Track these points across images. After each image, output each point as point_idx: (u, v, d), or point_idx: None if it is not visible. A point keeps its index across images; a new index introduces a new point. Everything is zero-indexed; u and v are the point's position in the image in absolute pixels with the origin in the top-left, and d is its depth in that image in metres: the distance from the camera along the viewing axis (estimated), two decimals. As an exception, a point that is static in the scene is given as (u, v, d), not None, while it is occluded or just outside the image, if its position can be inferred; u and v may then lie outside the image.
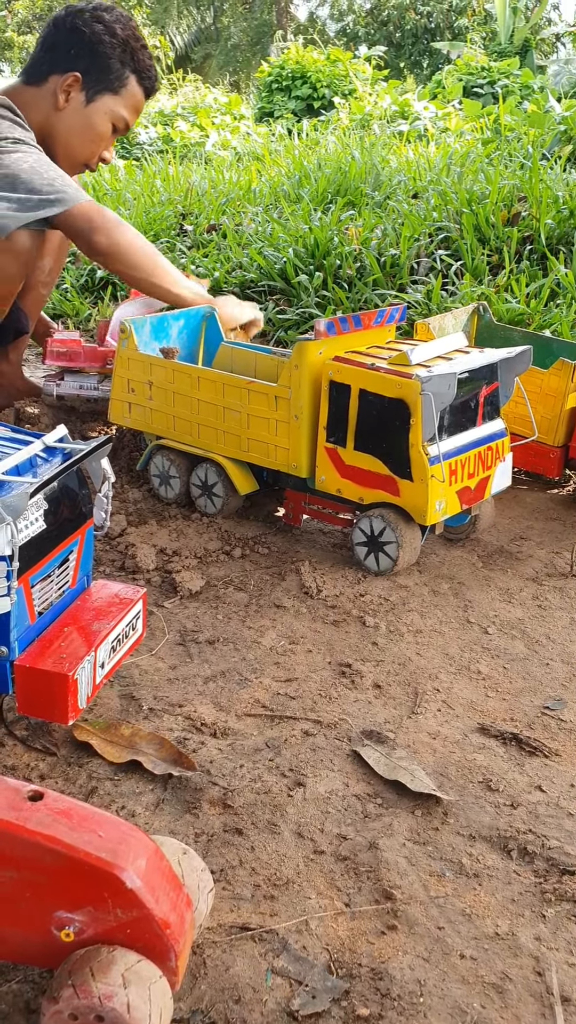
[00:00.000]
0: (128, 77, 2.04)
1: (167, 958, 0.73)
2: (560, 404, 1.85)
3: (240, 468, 1.73)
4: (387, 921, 0.91)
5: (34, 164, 1.81)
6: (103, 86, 2.03)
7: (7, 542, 0.95)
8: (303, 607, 1.49)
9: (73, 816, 0.74)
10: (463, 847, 1.01)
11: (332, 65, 9.55)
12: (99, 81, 2.02)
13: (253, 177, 4.50)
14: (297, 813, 1.04)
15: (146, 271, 1.93)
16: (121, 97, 2.05)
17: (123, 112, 2.07)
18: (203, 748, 1.13)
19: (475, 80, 9.02)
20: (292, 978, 0.84)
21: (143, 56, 2.04)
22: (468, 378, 1.56)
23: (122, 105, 2.06)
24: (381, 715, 1.24)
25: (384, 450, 1.54)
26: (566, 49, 15.89)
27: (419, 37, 19.18)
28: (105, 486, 1.15)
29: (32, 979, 0.82)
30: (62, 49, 2.00)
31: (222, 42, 21.96)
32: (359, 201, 3.72)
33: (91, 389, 2.09)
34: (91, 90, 2.02)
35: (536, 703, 1.29)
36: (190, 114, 8.50)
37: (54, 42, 2.02)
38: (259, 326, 2.15)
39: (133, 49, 2.02)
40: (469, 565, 1.67)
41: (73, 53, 2.00)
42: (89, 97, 2.03)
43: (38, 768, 1.09)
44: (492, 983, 0.85)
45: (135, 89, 2.07)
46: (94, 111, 2.04)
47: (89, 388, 2.08)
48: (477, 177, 3.67)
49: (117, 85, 2.03)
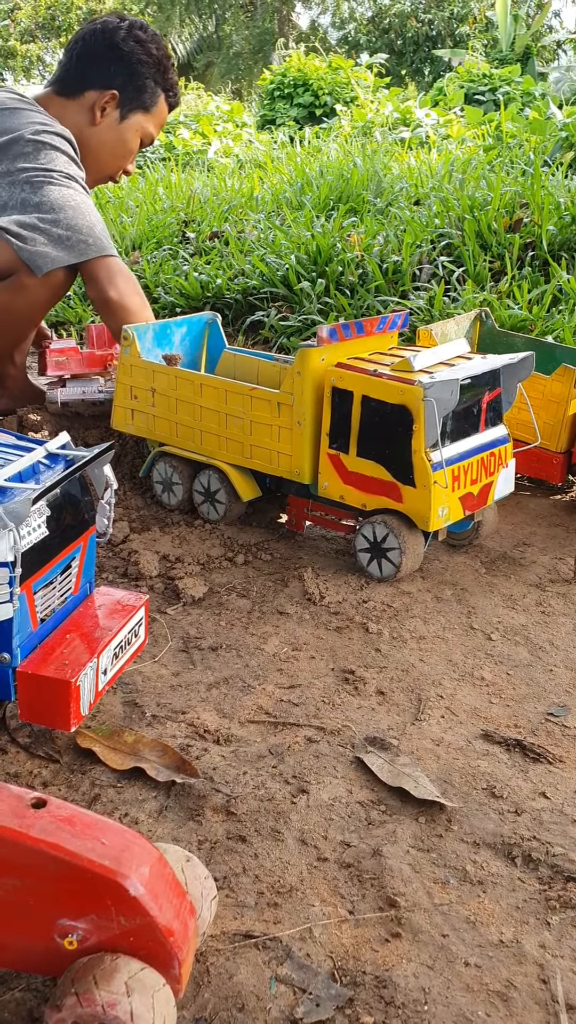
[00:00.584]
0: (159, 95, 2.11)
1: (171, 966, 0.73)
2: (563, 410, 1.85)
3: (243, 474, 1.73)
4: (391, 928, 0.91)
5: (80, 204, 1.87)
6: (137, 104, 2.09)
7: (9, 548, 0.95)
8: (306, 613, 1.49)
9: (76, 823, 0.74)
10: (467, 854, 1.01)
11: (334, 73, 9.57)
12: (134, 100, 2.08)
13: (255, 184, 4.51)
14: (300, 820, 1.04)
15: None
16: (152, 115, 2.12)
17: (151, 128, 2.14)
18: (206, 755, 1.13)
19: (476, 87, 9.04)
20: (296, 986, 0.84)
21: (172, 74, 2.11)
22: (471, 384, 1.56)
23: (151, 122, 2.13)
24: (384, 722, 1.23)
25: (387, 456, 1.54)
26: (567, 56, 15.93)
27: (420, 45, 19.24)
28: (108, 493, 1.15)
29: (35, 987, 0.82)
30: (100, 66, 2.05)
31: (224, 50, 22.03)
32: (361, 208, 3.73)
33: (95, 393, 2.09)
34: (126, 108, 2.08)
35: (540, 709, 1.29)
36: (192, 122, 8.52)
37: (92, 57, 2.06)
38: None
39: (165, 68, 2.09)
40: (472, 571, 1.67)
41: (112, 71, 2.05)
42: (123, 114, 2.09)
43: (41, 775, 1.09)
44: (497, 991, 0.85)
45: (163, 106, 2.14)
46: (127, 128, 2.10)
47: (92, 392, 2.08)
48: (479, 184, 3.68)
49: (150, 104, 2.10)
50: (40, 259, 1.82)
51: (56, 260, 1.83)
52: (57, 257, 1.83)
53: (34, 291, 1.90)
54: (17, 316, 1.98)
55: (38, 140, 1.89)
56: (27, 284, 1.87)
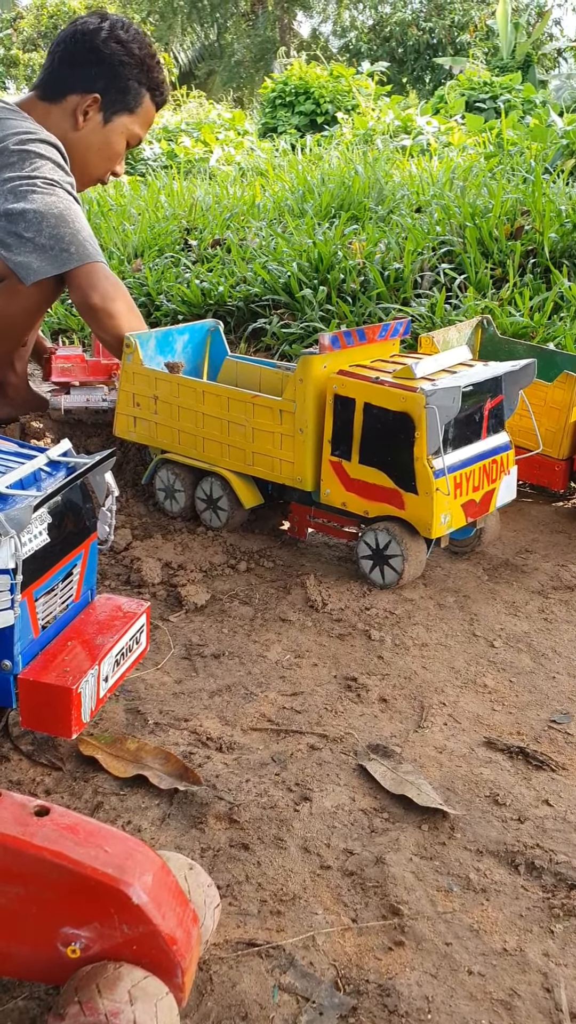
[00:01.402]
0: (144, 95, 2.07)
1: (174, 974, 0.73)
2: (565, 417, 1.85)
3: (245, 482, 1.73)
4: (394, 937, 0.90)
5: (63, 212, 1.85)
6: (121, 106, 2.05)
7: (11, 555, 0.95)
8: (308, 621, 1.49)
9: (79, 831, 0.73)
10: (470, 862, 1.01)
11: (335, 81, 9.60)
12: (117, 102, 2.04)
13: (257, 192, 4.52)
14: (303, 828, 1.04)
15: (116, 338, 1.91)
16: (137, 115, 2.08)
17: (137, 129, 2.10)
18: (209, 762, 1.13)
19: (477, 95, 9.06)
20: (299, 994, 0.84)
21: (157, 72, 2.07)
22: (472, 391, 1.56)
23: (137, 123, 2.09)
24: (387, 729, 1.23)
25: (389, 463, 1.54)
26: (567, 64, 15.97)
27: (421, 53, 19.29)
28: (109, 500, 1.15)
29: (38, 996, 0.82)
30: (81, 69, 2.02)
31: (225, 58, 22.09)
32: (363, 215, 3.74)
33: (99, 401, 2.09)
34: (109, 111, 2.05)
35: (543, 716, 1.28)
36: (194, 130, 8.54)
37: (73, 60, 2.03)
38: None
39: (149, 67, 2.05)
40: (474, 578, 1.67)
41: (93, 74, 2.02)
42: (107, 117, 2.05)
43: (44, 783, 1.09)
44: (500, 999, 0.85)
45: (149, 105, 2.09)
46: (111, 131, 2.07)
47: (96, 400, 2.08)
48: (480, 191, 3.69)
49: (134, 105, 2.06)
50: (24, 270, 1.81)
51: (39, 271, 1.82)
52: (40, 268, 1.82)
53: (25, 297, 1.89)
54: (11, 321, 1.97)
55: (23, 149, 1.88)
56: (19, 289, 1.86)
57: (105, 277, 1.89)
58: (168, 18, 21.02)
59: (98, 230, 4.01)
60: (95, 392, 2.10)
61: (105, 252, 3.72)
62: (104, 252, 3.69)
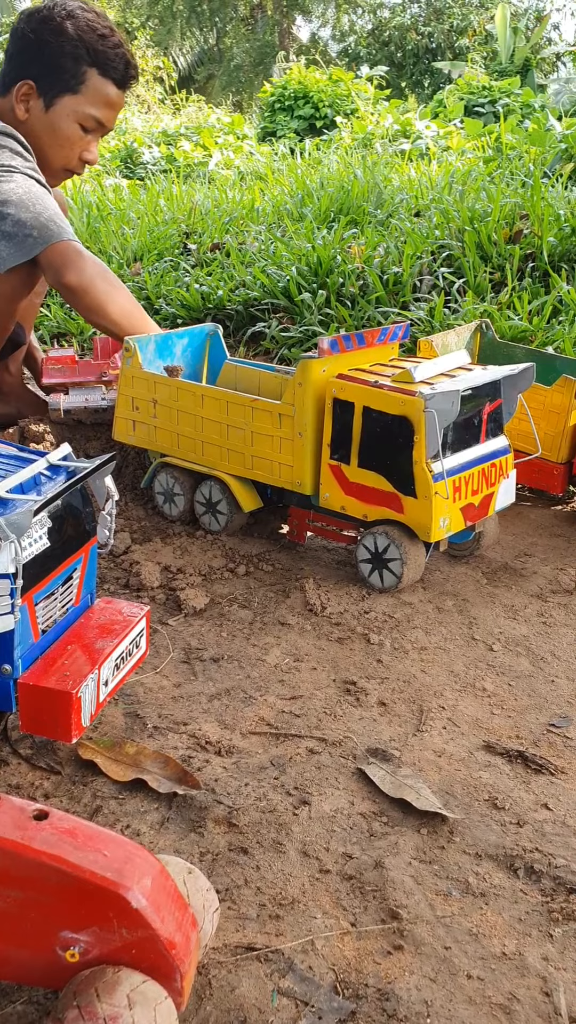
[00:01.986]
0: (87, 73, 1.93)
1: (172, 978, 0.73)
2: (563, 421, 1.86)
3: (244, 485, 1.73)
4: (393, 941, 0.90)
5: (22, 197, 1.79)
6: (59, 88, 1.94)
7: (11, 560, 0.95)
8: (307, 624, 1.49)
9: (78, 835, 0.74)
10: (469, 866, 1.01)
11: (334, 85, 9.61)
12: (54, 84, 1.93)
13: (256, 196, 4.52)
14: (302, 832, 1.04)
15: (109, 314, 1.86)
16: (83, 95, 1.95)
17: (89, 110, 1.96)
18: (208, 766, 1.13)
19: (476, 99, 9.08)
20: (298, 999, 0.84)
21: (103, 47, 1.93)
22: (471, 395, 1.56)
23: (86, 103, 1.96)
24: (386, 733, 1.23)
25: (388, 467, 1.54)
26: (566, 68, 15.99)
27: (420, 57, 19.33)
28: (109, 504, 1.15)
29: (37, 1000, 0.82)
30: (17, 57, 1.95)
31: (225, 63, 22.13)
32: (361, 219, 3.74)
33: (98, 400, 2.08)
34: (48, 95, 1.94)
35: (542, 720, 1.28)
36: (193, 134, 8.56)
37: (12, 51, 1.96)
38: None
39: (88, 43, 1.92)
40: (473, 582, 1.67)
41: (26, 59, 1.93)
42: (48, 102, 1.95)
43: (43, 787, 1.09)
44: (499, 1004, 0.85)
45: (99, 83, 1.95)
46: (56, 116, 1.96)
47: (96, 400, 2.08)
48: (479, 195, 3.69)
49: (75, 84, 1.94)
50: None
51: (7, 260, 1.77)
52: (8, 256, 1.77)
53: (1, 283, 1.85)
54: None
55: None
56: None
57: (76, 253, 1.82)
58: (168, 22, 21.06)
59: (97, 234, 4.02)
60: (94, 392, 2.10)
61: (104, 256, 3.72)
62: (103, 256, 3.70)
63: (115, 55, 1.95)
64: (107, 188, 5.51)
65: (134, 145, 7.92)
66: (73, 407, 2.09)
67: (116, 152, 7.90)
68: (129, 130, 9.21)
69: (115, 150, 7.94)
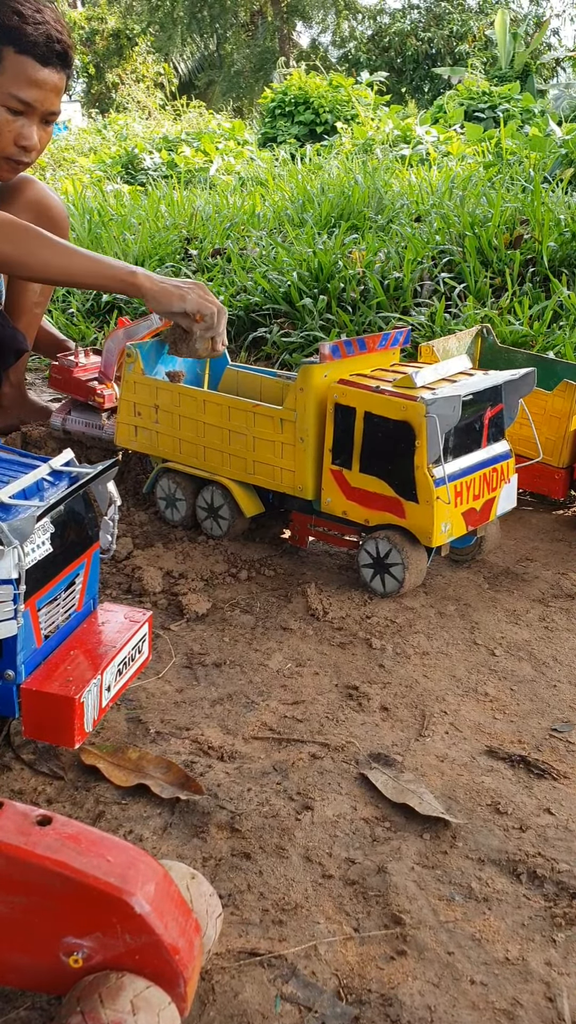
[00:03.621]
0: (2, 51, 1.83)
1: (176, 984, 0.73)
2: (564, 426, 1.86)
3: (246, 491, 1.73)
4: (396, 946, 0.90)
5: None
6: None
7: (14, 565, 0.95)
8: (309, 629, 1.49)
9: (82, 841, 0.74)
10: (472, 871, 1.01)
11: (334, 91, 9.63)
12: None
13: (257, 202, 4.53)
14: (305, 837, 1.04)
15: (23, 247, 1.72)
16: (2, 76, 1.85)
17: (12, 90, 1.86)
18: (210, 771, 1.13)
19: (476, 104, 9.09)
20: (301, 1004, 0.84)
21: (19, 23, 1.84)
22: (473, 400, 1.57)
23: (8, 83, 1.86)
24: (388, 738, 1.23)
25: (390, 472, 1.54)
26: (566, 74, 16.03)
27: (420, 63, 19.37)
28: (111, 509, 1.15)
29: (40, 1006, 0.82)
30: None
31: (225, 69, 22.19)
32: (362, 225, 3.75)
33: (96, 427, 2.07)
34: None
35: (544, 725, 1.28)
36: (194, 140, 8.57)
37: None
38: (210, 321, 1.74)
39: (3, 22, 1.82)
40: (475, 587, 1.67)
41: None
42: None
43: (45, 792, 1.09)
44: (503, 1009, 0.84)
45: (18, 61, 1.86)
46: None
47: (95, 427, 2.07)
48: (479, 200, 3.70)
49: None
50: None
51: None
52: None
53: None
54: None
55: None
56: None
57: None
58: (168, 29, 21.10)
59: (99, 240, 4.03)
60: (95, 418, 2.08)
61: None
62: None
63: (35, 31, 1.85)
64: (108, 194, 5.52)
65: (135, 151, 7.94)
66: (73, 430, 2.09)
67: (117, 158, 7.92)
68: (130, 136, 9.23)
69: (116, 156, 7.96)
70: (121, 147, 8.09)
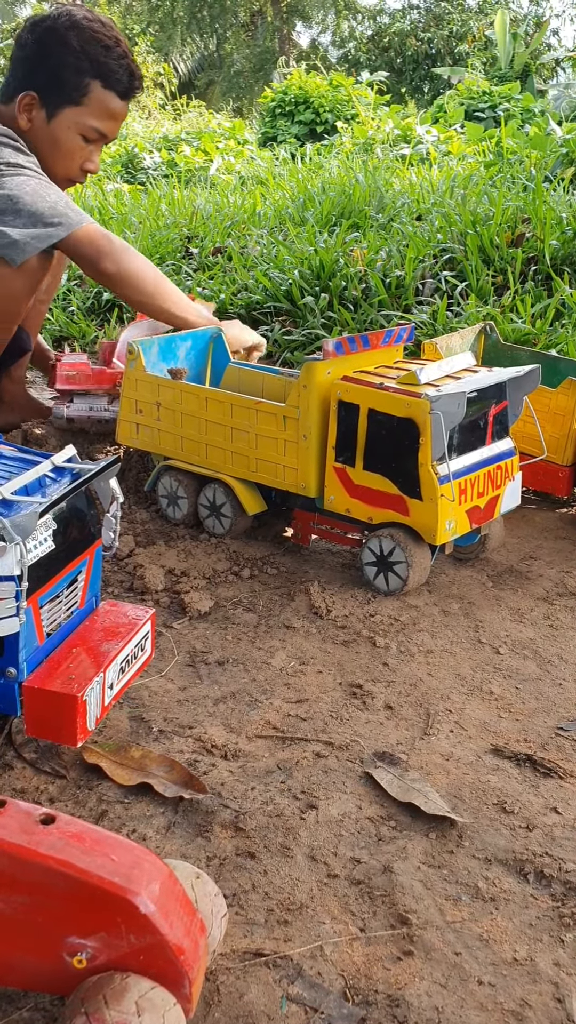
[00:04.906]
0: (89, 85, 1.93)
1: (181, 985, 0.72)
2: (569, 423, 1.85)
3: (248, 488, 1.72)
4: (403, 946, 0.89)
5: (36, 188, 1.80)
6: (62, 100, 1.93)
7: (16, 562, 0.94)
8: (313, 627, 1.48)
9: (85, 840, 0.73)
10: (479, 870, 1.00)
11: (335, 90, 9.62)
12: (57, 95, 1.93)
13: (257, 200, 4.52)
14: (310, 836, 1.03)
15: (153, 295, 1.92)
16: (86, 107, 1.95)
17: (91, 122, 1.96)
18: (214, 770, 1.12)
19: (476, 104, 9.09)
20: (307, 1005, 0.83)
21: (108, 59, 1.93)
22: (477, 397, 1.56)
23: (88, 115, 1.96)
24: (393, 736, 1.22)
25: (393, 470, 1.53)
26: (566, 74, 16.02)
27: (420, 63, 19.37)
28: (114, 507, 1.14)
29: (43, 1007, 0.81)
30: (20, 67, 1.95)
31: (225, 69, 22.19)
32: (363, 223, 3.74)
33: (101, 411, 2.07)
34: (51, 106, 1.94)
35: (550, 724, 1.27)
36: (194, 139, 8.56)
37: (16, 59, 1.96)
38: (261, 350, 2.15)
39: (92, 55, 1.91)
40: (479, 585, 1.66)
41: (30, 69, 1.93)
42: (50, 113, 1.94)
43: (48, 791, 1.08)
44: (511, 1010, 0.84)
45: (102, 95, 1.95)
46: (57, 127, 1.95)
47: (99, 410, 2.07)
48: (481, 199, 3.69)
49: (77, 96, 1.93)
50: (12, 250, 1.75)
51: (28, 248, 1.76)
52: (29, 245, 1.76)
53: (9, 280, 1.83)
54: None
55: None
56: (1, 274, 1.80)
57: (103, 236, 1.84)
58: (168, 29, 21.11)
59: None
60: (98, 401, 2.09)
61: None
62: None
63: (119, 66, 1.94)
64: (108, 193, 5.51)
65: (135, 150, 7.93)
66: (77, 416, 2.08)
67: (117, 157, 7.91)
68: (130, 135, 9.22)
69: (116, 155, 7.94)
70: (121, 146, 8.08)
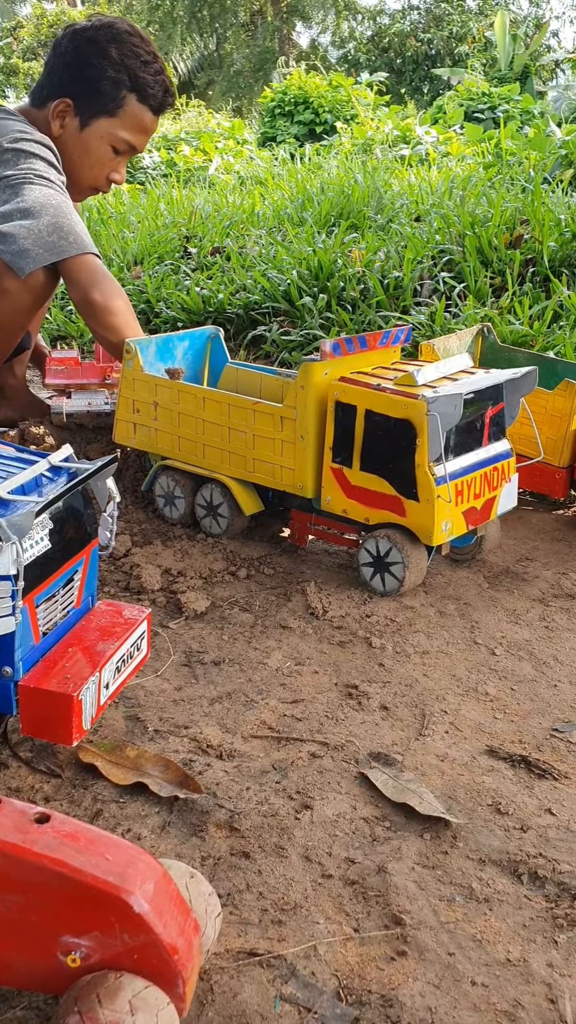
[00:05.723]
0: (126, 97, 1.97)
1: (175, 984, 0.72)
2: (565, 425, 1.85)
3: (245, 488, 1.73)
4: (397, 947, 0.90)
5: (60, 204, 1.83)
6: (97, 110, 1.97)
7: (12, 561, 0.94)
8: (309, 628, 1.49)
9: (80, 839, 0.73)
10: (473, 871, 1.00)
11: (334, 91, 9.62)
12: (92, 105, 1.97)
13: (256, 200, 4.52)
14: (304, 836, 1.03)
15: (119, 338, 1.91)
16: (119, 119, 1.99)
17: (123, 134, 2.00)
18: (209, 770, 1.12)
19: (476, 105, 9.09)
20: (301, 1005, 0.83)
21: (145, 74, 1.96)
22: (474, 399, 1.56)
23: (121, 127, 2.00)
24: (388, 737, 1.22)
25: (390, 470, 1.53)
26: (565, 75, 16.03)
27: (420, 64, 19.36)
28: (110, 506, 1.14)
29: (37, 1006, 0.81)
30: (57, 73, 1.97)
31: (225, 68, 22.18)
32: (362, 224, 3.74)
33: (101, 404, 2.08)
34: (85, 115, 1.97)
35: (545, 725, 1.28)
36: (193, 139, 8.56)
37: (52, 65, 1.99)
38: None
39: (131, 68, 1.95)
40: (475, 586, 1.66)
41: (66, 77, 1.96)
42: (84, 122, 1.98)
43: (43, 790, 1.08)
44: (504, 1011, 0.84)
45: (136, 109, 1.99)
46: (90, 136, 1.99)
47: (99, 404, 2.08)
48: (479, 200, 3.69)
49: (113, 107, 1.97)
50: (22, 259, 1.77)
51: (38, 259, 1.78)
52: (39, 255, 1.78)
53: (17, 295, 1.86)
54: (3, 321, 1.94)
55: (16, 148, 1.85)
56: (9, 288, 1.83)
57: (103, 272, 1.87)
58: (168, 28, 21.10)
59: (97, 237, 4.02)
60: (97, 396, 2.10)
61: (105, 259, 3.72)
62: (104, 260, 3.70)
63: (155, 82, 1.98)
64: (109, 192, 5.50)
65: (134, 150, 7.91)
66: (76, 411, 2.08)
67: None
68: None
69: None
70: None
